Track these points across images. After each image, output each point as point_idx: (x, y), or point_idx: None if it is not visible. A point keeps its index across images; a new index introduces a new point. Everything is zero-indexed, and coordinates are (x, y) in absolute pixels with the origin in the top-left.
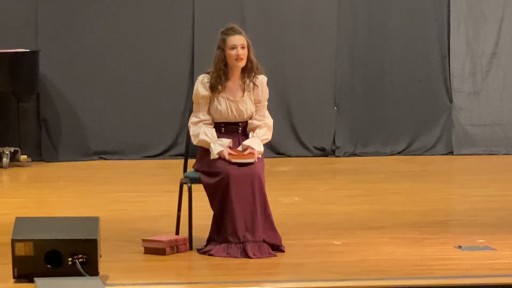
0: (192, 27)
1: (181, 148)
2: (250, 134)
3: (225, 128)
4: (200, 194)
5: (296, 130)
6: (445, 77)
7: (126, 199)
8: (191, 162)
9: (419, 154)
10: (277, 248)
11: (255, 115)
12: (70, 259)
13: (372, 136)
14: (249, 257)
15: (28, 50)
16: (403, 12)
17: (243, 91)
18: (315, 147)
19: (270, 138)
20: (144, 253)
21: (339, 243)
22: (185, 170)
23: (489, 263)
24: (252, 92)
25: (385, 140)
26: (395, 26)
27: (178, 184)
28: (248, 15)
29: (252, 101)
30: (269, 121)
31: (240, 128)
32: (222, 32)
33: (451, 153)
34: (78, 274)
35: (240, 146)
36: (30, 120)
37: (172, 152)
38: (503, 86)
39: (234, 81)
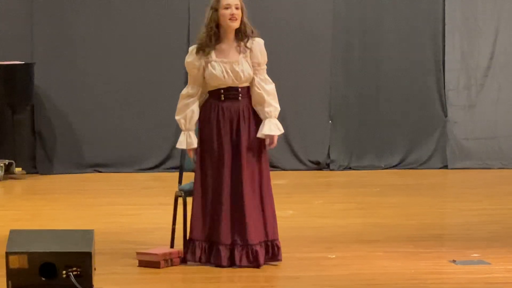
0: (187, 40)
1: (175, 161)
2: (261, 113)
3: (224, 94)
4: None
5: (291, 143)
6: (440, 90)
7: (121, 211)
8: (186, 175)
9: (413, 168)
10: (272, 254)
11: (256, 79)
12: (64, 271)
13: (367, 149)
14: (234, 264)
15: (23, 62)
16: (397, 26)
17: (239, 53)
18: (309, 161)
19: (279, 107)
20: (138, 266)
21: (334, 256)
22: (180, 182)
23: (483, 277)
24: (248, 55)
25: (380, 153)
26: (389, 39)
27: (173, 197)
28: None
29: (249, 64)
30: (271, 88)
31: (240, 95)
32: None
33: (446, 166)
34: (72, 287)
35: (261, 135)
36: (24, 132)
37: (167, 165)
38: (498, 100)
39: (228, 43)
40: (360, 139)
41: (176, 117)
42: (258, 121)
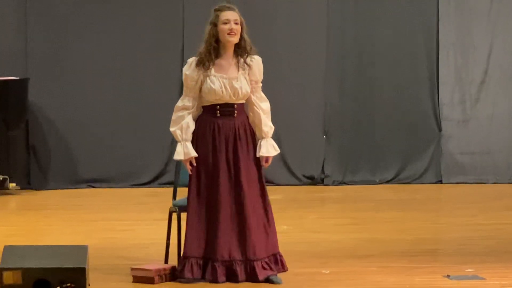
0: (182, 56)
1: (170, 176)
2: (257, 132)
3: (220, 110)
4: None
5: (285, 158)
6: (434, 105)
7: (115, 227)
8: (180, 190)
9: (408, 183)
10: (281, 265)
11: (253, 97)
12: (58, 287)
13: (361, 164)
14: (231, 280)
15: (18, 78)
16: (392, 40)
17: (238, 69)
18: (304, 176)
19: (273, 125)
20: (133, 281)
21: (328, 272)
22: (174, 198)
23: None
24: (246, 72)
25: (374, 168)
26: (384, 54)
27: (167, 212)
28: None
29: (247, 81)
30: (267, 106)
31: (235, 111)
32: (215, 9)
33: (440, 181)
34: None
35: (261, 159)
36: (19, 148)
37: (161, 180)
38: (492, 114)
39: (227, 59)
40: (355, 154)
41: (171, 129)
42: (253, 137)
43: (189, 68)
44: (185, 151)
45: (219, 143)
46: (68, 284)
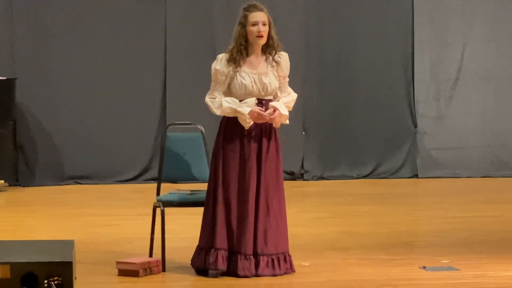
0: (164, 54)
1: (154, 173)
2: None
3: None
4: (172, 217)
5: None
6: (410, 102)
7: (101, 222)
8: (164, 186)
9: (385, 177)
10: (290, 265)
11: (280, 92)
12: (46, 281)
13: (340, 160)
14: (254, 273)
15: (5, 78)
16: (368, 38)
17: (266, 65)
18: (284, 171)
19: (291, 107)
20: (118, 275)
21: (308, 264)
22: (158, 193)
23: (452, 283)
24: (275, 68)
25: (352, 163)
26: (360, 53)
27: (152, 208)
28: (220, 45)
29: (275, 77)
30: (294, 95)
31: (264, 107)
32: (244, 8)
33: (416, 176)
34: None
35: (270, 109)
36: (7, 146)
37: (146, 176)
38: (466, 111)
39: (257, 56)
40: (333, 150)
41: (218, 112)
42: (277, 137)
43: (220, 63)
44: (246, 105)
45: (248, 139)
46: (55, 278)
